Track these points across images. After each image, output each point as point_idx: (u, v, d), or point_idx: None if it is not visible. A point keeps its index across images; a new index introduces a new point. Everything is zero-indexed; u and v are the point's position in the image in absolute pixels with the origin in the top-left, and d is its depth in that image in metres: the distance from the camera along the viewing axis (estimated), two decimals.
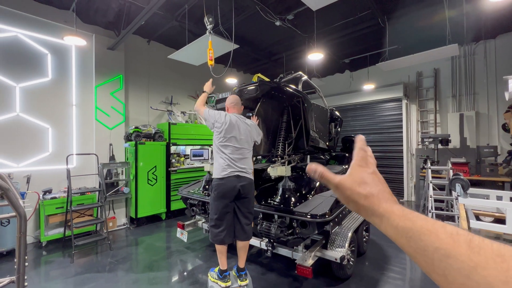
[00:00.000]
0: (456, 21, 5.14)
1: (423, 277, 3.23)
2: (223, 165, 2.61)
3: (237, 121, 2.70)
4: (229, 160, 2.61)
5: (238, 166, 2.60)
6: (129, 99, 5.90)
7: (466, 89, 6.57)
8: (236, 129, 2.65)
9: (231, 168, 2.59)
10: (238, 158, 2.63)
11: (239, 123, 2.71)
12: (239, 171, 2.59)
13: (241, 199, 2.63)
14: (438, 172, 5.96)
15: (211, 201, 2.68)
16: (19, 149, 4.38)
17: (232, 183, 2.56)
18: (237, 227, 2.69)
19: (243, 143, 2.68)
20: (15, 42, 4.37)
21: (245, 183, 2.62)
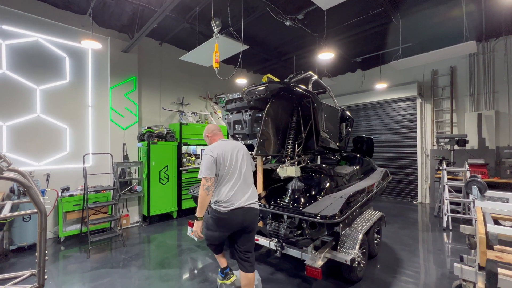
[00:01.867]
0: (474, 16, 4.94)
1: (438, 281, 3.13)
2: (227, 196, 2.21)
3: (230, 144, 2.42)
4: (235, 190, 2.23)
5: (245, 196, 2.23)
6: (142, 100, 6.05)
7: (485, 87, 6.30)
8: (234, 153, 2.34)
9: (237, 199, 2.20)
10: (243, 185, 2.27)
11: (233, 145, 2.42)
12: (247, 202, 2.23)
13: (245, 233, 2.30)
14: (455, 173, 5.76)
15: (204, 226, 2.35)
16: (40, 149, 4.59)
17: (238, 218, 2.20)
18: (238, 257, 2.38)
19: (244, 166, 2.35)
20: (36, 47, 4.59)
21: (252, 215, 2.28)
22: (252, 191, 2.33)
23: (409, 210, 6.50)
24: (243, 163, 2.34)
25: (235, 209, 2.19)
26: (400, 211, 6.40)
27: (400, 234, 4.75)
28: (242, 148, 2.43)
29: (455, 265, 2.11)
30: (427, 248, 4.19)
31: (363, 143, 5.24)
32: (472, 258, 2.62)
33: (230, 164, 2.28)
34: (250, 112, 3.33)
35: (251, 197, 2.29)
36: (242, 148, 2.43)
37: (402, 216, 5.90)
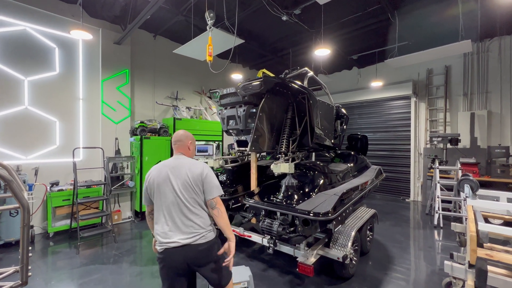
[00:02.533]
0: (470, 16, 4.95)
1: (428, 278, 3.17)
2: (158, 231, 1.79)
3: (175, 163, 1.87)
4: (169, 224, 1.77)
5: (181, 231, 1.75)
6: (135, 93, 5.93)
7: (478, 87, 6.37)
8: (174, 176, 1.80)
9: (171, 236, 1.74)
10: (180, 218, 1.77)
11: (178, 165, 1.85)
12: (185, 238, 1.73)
13: (203, 269, 1.80)
14: (447, 172, 5.83)
15: None
16: (28, 142, 4.46)
17: (177, 260, 1.74)
18: None
19: (185, 191, 1.78)
20: (24, 36, 4.43)
21: (194, 254, 1.74)
22: (193, 224, 1.77)
23: (402, 207, 6.57)
24: (186, 190, 1.77)
25: (170, 249, 1.73)
26: (393, 208, 6.46)
27: (392, 231, 4.80)
28: (191, 170, 1.81)
29: (446, 263, 2.13)
30: (418, 245, 4.24)
31: (358, 141, 5.25)
32: (461, 255, 2.65)
33: (164, 191, 1.79)
34: (244, 108, 3.29)
35: (193, 231, 1.75)
36: (191, 170, 1.81)
37: (394, 214, 5.97)
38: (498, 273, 1.86)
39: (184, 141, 1.97)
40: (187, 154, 1.99)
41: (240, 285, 2.30)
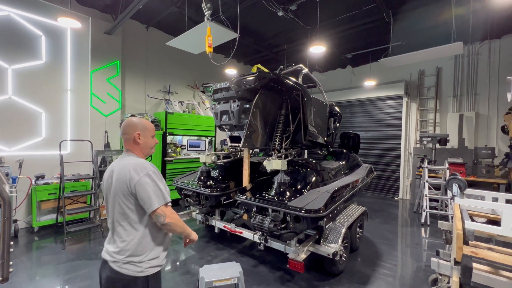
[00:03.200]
0: (462, 19, 5.04)
1: (414, 274, 3.24)
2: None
3: (119, 165, 1.46)
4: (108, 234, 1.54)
5: (107, 245, 1.49)
6: (125, 86, 5.78)
7: (468, 89, 6.51)
8: (111, 181, 1.46)
9: (105, 247, 1.51)
10: (111, 229, 1.49)
11: (119, 167, 1.45)
12: (107, 253, 1.46)
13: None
14: (435, 171, 5.96)
15: None
16: (11, 133, 4.29)
17: (100, 274, 1.50)
18: None
19: (116, 202, 1.43)
20: (8, 22, 4.22)
21: (104, 275, 1.44)
22: (122, 238, 1.41)
23: (391, 205, 6.71)
24: (116, 198, 1.41)
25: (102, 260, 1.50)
26: (382, 206, 6.58)
27: (381, 228, 4.89)
28: (120, 176, 1.40)
29: (433, 260, 2.17)
30: (405, 242, 4.33)
31: (350, 139, 5.29)
32: (447, 252, 2.72)
33: (107, 199, 1.51)
34: (238, 103, 3.25)
35: (116, 250, 1.40)
36: (120, 176, 1.40)
37: (383, 212, 6.08)
38: (482, 270, 1.91)
39: (130, 134, 1.47)
40: (136, 151, 1.51)
41: (230, 281, 2.29)
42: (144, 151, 1.55)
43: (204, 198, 3.61)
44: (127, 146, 1.52)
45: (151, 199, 1.36)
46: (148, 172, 1.39)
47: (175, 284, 2.89)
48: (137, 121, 1.53)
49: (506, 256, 1.97)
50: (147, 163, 1.44)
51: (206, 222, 3.89)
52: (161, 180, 1.44)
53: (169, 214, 1.40)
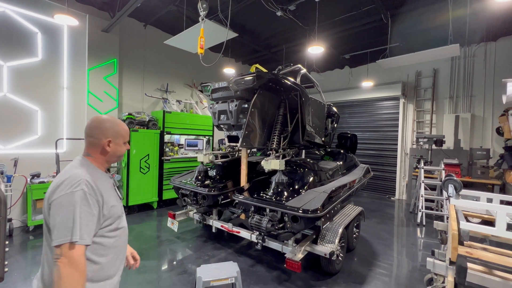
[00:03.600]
0: (459, 21, 5.09)
1: (409, 274, 3.28)
2: None
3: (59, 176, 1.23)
4: None
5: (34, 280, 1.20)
6: (123, 84, 5.74)
7: (464, 91, 6.58)
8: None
9: None
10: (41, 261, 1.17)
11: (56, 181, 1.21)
12: None
13: None
14: (431, 172, 6.02)
15: None
16: (7, 131, 4.24)
17: None
18: None
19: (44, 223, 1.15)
20: (3, 18, 4.16)
21: None
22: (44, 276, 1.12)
23: (387, 205, 6.76)
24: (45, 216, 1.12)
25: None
26: (379, 206, 6.63)
27: (377, 228, 4.92)
28: (52, 187, 1.11)
29: (428, 260, 2.19)
30: (401, 242, 4.37)
31: (347, 140, 5.32)
32: (442, 252, 2.75)
33: None
34: (236, 102, 3.25)
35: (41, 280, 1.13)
36: (52, 187, 1.11)
37: (380, 212, 6.12)
38: (476, 269, 1.94)
39: (98, 139, 1.21)
40: (97, 159, 1.23)
41: (227, 280, 2.29)
42: (110, 159, 1.28)
43: (202, 198, 3.60)
44: (88, 150, 1.23)
45: (55, 229, 1.02)
46: (74, 191, 1.05)
47: (171, 284, 2.88)
48: (110, 125, 1.24)
49: (500, 256, 2.00)
50: (84, 179, 1.09)
51: (204, 222, 3.88)
52: (89, 207, 1.06)
53: (68, 259, 0.99)
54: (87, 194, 1.08)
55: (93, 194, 1.10)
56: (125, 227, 1.32)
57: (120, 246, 1.26)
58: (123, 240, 1.29)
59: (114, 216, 1.20)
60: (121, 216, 1.26)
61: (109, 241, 1.19)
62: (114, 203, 1.21)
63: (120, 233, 1.25)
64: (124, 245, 1.31)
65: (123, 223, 1.29)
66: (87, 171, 1.15)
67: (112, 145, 1.24)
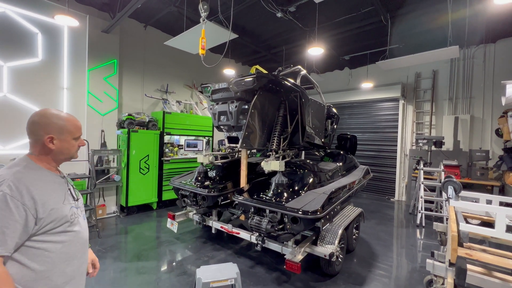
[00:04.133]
0: (459, 23, 5.10)
1: (409, 275, 3.28)
2: None
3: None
4: None
5: None
6: (123, 85, 5.74)
7: (463, 92, 6.59)
8: None
9: None
10: None
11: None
12: None
13: None
14: (430, 173, 6.03)
15: None
16: (6, 131, 4.23)
17: None
18: None
19: None
20: (3, 19, 4.16)
21: None
22: None
23: (386, 207, 6.76)
24: None
25: None
26: (378, 207, 6.63)
27: (376, 229, 4.93)
28: None
29: (428, 261, 2.20)
30: (401, 243, 4.38)
31: (347, 141, 5.33)
32: (442, 254, 2.75)
33: None
34: (236, 104, 3.25)
35: None
36: None
37: (379, 213, 6.13)
38: (475, 271, 1.94)
39: (38, 135, 1.10)
40: (41, 157, 1.13)
41: (227, 282, 2.29)
42: (57, 158, 1.16)
43: (201, 199, 3.60)
44: (30, 148, 1.13)
45: None
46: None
47: (171, 285, 2.88)
48: (53, 119, 1.12)
49: (499, 258, 2.01)
50: (7, 180, 0.99)
51: (203, 223, 3.88)
52: (9, 211, 0.95)
53: None
54: (9, 197, 0.97)
55: (17, 197, 0.98)
56: (78, 231, 1.17)
57: (72, 252, 1.13)
58: (76, 245, 1.15)
59: (58, 219, 1.07)
60: (71, 220, 1.13)
61: (54, 247, 1.06)
62: (57, 206, 1.08)
63: (70, 238, 1.12)
64: (79, 251, 1.17)
65: (75, 227, 1.15)
66: (19, 171, 1.05)
67: (57, 142, 1.12)
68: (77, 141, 1.20)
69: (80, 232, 1.19)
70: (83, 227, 1.22)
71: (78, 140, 1.21)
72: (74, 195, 1.25)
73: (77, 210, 1.21)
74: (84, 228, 1.23)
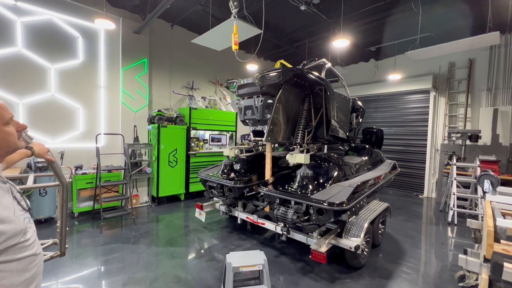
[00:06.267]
0: (500, 6, 4.70)
1: (438, 273, 3.18)
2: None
3: None
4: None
5: None
6: (152, 83, 6.07)
7: (504, 82, 6.07)
8: None
9: None
10: None
11: None
12: None
13: None
14: (464, 169, 5.68)
15: None
16: (54, 127, 4.71)
17: None
18: None
19: None
20: (50, 25, 4.60)
21: None
22: None
23: (414, 203, 6.50)
24: None
25: None
26: (405, 204, 6.41)
27: (404, 226, 4.79)
28: None
29: (460, 256, 2.15)
30: (430, 241, 4.23)
31: (373, 135, 5.19)
32: (476, 252, 2.65)
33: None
34: (262, 98, 3.33)
35: None
36: None
37: (406, 209, 5.92)
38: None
39: None
40: None
41: (255, 267, 2.41)
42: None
43: (228, 190, 3.76)
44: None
45: None
46: None
47: (201, 269, 3.08)
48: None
49: None
50: None
51: (229, 213, 4.06)
52: None
53: None
54: None
55: None
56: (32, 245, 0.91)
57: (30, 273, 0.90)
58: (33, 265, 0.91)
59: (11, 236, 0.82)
60: (22, 233, 0.86)
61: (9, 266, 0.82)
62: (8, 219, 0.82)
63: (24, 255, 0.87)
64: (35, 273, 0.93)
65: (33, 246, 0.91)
66: None
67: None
68: (11, 126, 0.90)
69: (34, 248, 0.93)
70: (35, 249, 0.93)
71: (12, 124, 0.91)
72: (23, 204, 0.98)
73: (24, 221, 0.91)
74: (35, 248, 0.94)
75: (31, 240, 0.92)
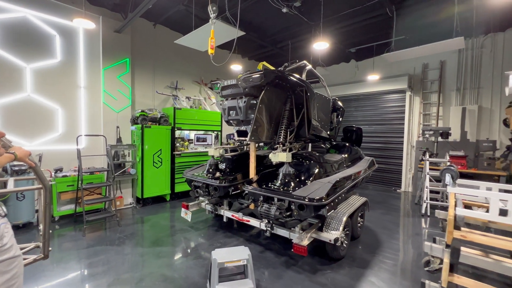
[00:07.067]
0: (466, 13, 5.07)
1: (412, 260, 3.44)
2: None
3: None
4: None
5: None
6: (135, 83, 5.99)
7: (471, 82, 6.55)
8: None
9: None
10: None
11: None
12: None
13: None
14: (436, 164, 6.09)
15: None
16: (31, 129, 4.55)
17: None
18: None
19: None
20: (24, 23, 4.43)
21: None
22: None
23: (393, 197, 6.87)
24: None
25: None
26: (384, 198, 6.75)
27: (382, 219, 5.07)
28: None
29: (425, 243, 2.36)
30: (406, 232, 4.52)
31: (353, 133, 5.44)
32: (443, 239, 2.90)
33: None
34: (245, 99, 3.42)
35: None
36: None
37: (385, 203, 6.25)
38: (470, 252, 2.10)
39: None
40: None
41: (240, 262, 2.51)
42: None
43: (213, 189, 3.83)
44: None
45: None
46: None
47: (188, 267, 3.14)
48: None
49: (492, 239, 2.15)
50: None
51: (215, 212, 4.13)
52: None
53: None
54: None
55: None
56: (10, 249, 0.92)
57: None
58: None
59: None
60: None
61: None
62: None
63: (2, 258, 0.91)
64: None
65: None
66: None
67: None
68: None
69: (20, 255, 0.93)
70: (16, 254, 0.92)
71: None
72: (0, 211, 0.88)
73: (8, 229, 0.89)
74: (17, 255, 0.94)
75: (8, 245, 0.96)
